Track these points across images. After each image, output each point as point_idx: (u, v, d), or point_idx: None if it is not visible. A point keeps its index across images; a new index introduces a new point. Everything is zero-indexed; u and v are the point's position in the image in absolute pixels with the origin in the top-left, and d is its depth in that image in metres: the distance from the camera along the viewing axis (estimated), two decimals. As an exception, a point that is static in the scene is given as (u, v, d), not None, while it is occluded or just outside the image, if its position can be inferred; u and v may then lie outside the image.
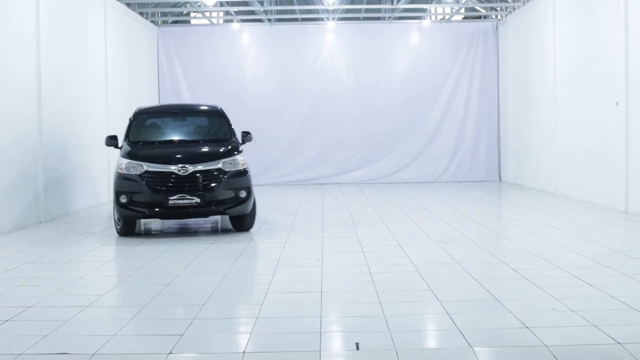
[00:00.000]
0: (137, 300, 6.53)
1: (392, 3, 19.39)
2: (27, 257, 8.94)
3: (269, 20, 20.46)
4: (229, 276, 7.58)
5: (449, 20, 21.14)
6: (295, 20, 21.54)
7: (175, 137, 11.58)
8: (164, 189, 10.22)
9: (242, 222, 10.91)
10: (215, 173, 10.43)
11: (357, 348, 4.93)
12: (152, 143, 11.20)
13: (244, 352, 4.92)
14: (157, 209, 10.26)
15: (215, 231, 11.27)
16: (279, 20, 21.21)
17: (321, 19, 20.97)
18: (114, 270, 8.11)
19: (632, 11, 11.98)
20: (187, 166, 10.27)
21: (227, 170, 10.51)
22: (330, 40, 20.85)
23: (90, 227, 11.64)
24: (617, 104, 12.44)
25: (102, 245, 9.84)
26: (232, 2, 20.12)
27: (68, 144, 13.56)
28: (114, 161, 15.89)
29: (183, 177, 10.23)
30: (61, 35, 13.43)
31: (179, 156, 10.47)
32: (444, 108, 20.63)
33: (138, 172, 10.28)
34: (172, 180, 10.22)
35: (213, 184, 10.38)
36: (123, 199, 10.24)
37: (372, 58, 20.65)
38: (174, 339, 5.22)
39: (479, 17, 21.94)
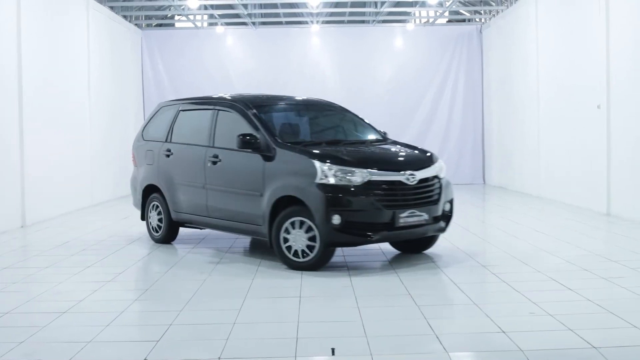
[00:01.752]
0: (115, 306, 6.50)
1: (376, 7, 19.40)
2: (7, 262, 8.87)
3: (253, 23, 20.44)
4: (208, 280, 7.57)
5: (432, 24, 21.17)
6: (280, 23, 21.53)
7: (334, 137, 9.36)
8: (393, 203, 7.84)
9: (430, 242, 8.94)
10: (435, 182, 8.29)
11: (333, 353, 4.92)
12: (317, 144, 8.63)
13: (219, 357, 4.90)
14: (384, 231, 7.79)
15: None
16: (263, 23, 21.18)
17: (305, 22, 20.97)
18: (94, 275, 8.05)
19: (613, 15, 12.03)
20: (414, 173, 8.03)
21: (441, 177, 8.49)
22: (314, 43, 20.84)
23: (71, 232, 11.55)
24: (598, 107, 12.49)
25: (82, 249, 9.75)
26: (216, 5, 20.08)
27: (50, 147, 13.46)
28: (99, 165, 15.99)
29: (411, 188, 7.97)
30: (43, 39, 13.33)
31: (403, 160, 8.44)
32: (429, 111, 20.62)
33: (358, 183, 7.78)
34: (400, 191, 7.93)
35: (437, 196, 8.24)
36: (337, 220, 7.60)
37: (357, 61, 20.64)
38: (150, 345, 5.21)
39: (463, 21, 21.99)
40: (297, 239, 7.90)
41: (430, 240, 8.87)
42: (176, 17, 22.22)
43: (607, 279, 7.23)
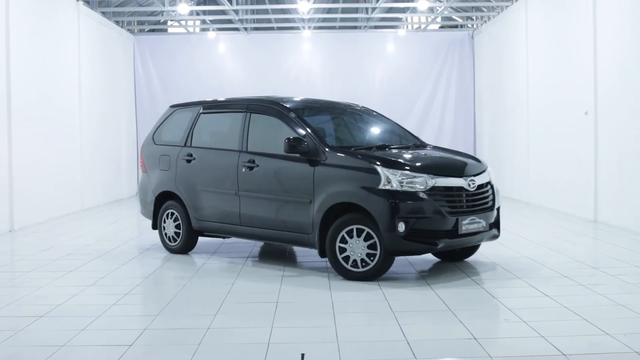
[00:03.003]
0: (92, 310, 6.51)
1: (367, 12, 19.46)
2: (-10, 266, 8.91)
3: (245, 29, 20.49)
4: (189, 285, 7.58)
5: (424, 30, 21.21)
6: (272, 29, 21.58)
7: (380, 141, 8.84)
8: (456, 210, 7.58)
9: (474, 248, 8.77)
10: (489, 188, 8.15)
11: (303, 359, 4.94)
12: (368, 148, 8.19)
13: (189, 363, 4.94)
14: (447, 238, 7.49)
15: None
16: (255, 29, 21.24)
17: (297, 28, 21.02)
18: (76, 279, 8.04)
19: (600, 23, 12.08)
20: (474, 179, 7.87)
21: (492, 183, 8.35)
22: (306, 49, 20.88)
23: (58, 237, 11.56)
24: (586, 113, 12.52)
25: (67, 254, 9.76)
26: (208, 11, 20.15)
27: (39, 152, 13.47)
28: (90, 170, 15.99)
29: (471, 194, 7.75)
30: (32, 45, 13.34)
31: (461, 166, 8.07)
32: (420, 117, 20.65)
33: (423, 188, 7.45)
34: (462, 197, 7.68)
35: (491, 202, 8.07)
36: (402, 228, 7.29)
37: (348, 66, 20.68)
38: (122, 350, 5.23)
39: (456, 27, 22.04)
40: (355, 248, 7.54)
41: (475, 247, 8.71)
42: (169, 23, 22.26)
43: (585, 286, 7.25)
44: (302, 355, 5.00)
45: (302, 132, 8.18)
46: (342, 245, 7.61)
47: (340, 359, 4.94)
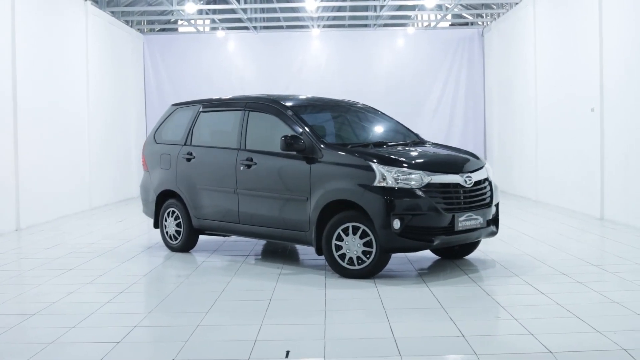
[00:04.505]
0: (86, 308, 6.53)
1: (376, 10, 19.41)
2: (-8, 265, 8.97)
3: (255, 27, 20.50)
4: (185, 283, 7.59)
5: (434, 27, 21.14)
6: (281, 27, 21.58)
7: (378, 138, 8.92)
8: (452, 207, 7.53)
9: (473, 247, 8.71)
10: (487, 184, 8.06)
11: (287, 356, 4.93)
12: (365, 145, 8.12)
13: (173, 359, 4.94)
14: (443, 235, 7.45)
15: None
16: (265, 27, 21.24)
17: (307, 26, 21.02)
18: (74, 277, 8.07)
19: (606, 19, 12.00)
20: (471, 175, 7.83)
21: (490, 179, 8.28)
22: (315, 47, 20.86)
23: (63, 235, 11.61)
24: (592, 110, 12.44)
25: (69, 252, 9.80)
26: (217, 10, 20.18)
27: (46, 152, 13.54)
28: (98, 169, 16.06)
29: (467, 190, 7.70)
30: (39, 46, 13.41)
31: (457, 162, 8.01)
32: (430, 115, 20.58)
33: (418, 185, 7.40)
34: (458, 194, 7.62)
35: (489, 198, 7.99)
36: (397, 225, 7.26)
37: (357, 64, 20.64)
38: (109, 347, 5.24)
39: (466, 24, 21.95)
40: (351, 245, 7.50)
41: (474, 245, 8.64)
42: (179, 22, 22.32)
43: (583, 283, 7.19)
44: (287, 352, 4.99)
45: (298, 129, 8.15)
46: (338, 242, 7.58)
47: (325, 357, 4.93)
